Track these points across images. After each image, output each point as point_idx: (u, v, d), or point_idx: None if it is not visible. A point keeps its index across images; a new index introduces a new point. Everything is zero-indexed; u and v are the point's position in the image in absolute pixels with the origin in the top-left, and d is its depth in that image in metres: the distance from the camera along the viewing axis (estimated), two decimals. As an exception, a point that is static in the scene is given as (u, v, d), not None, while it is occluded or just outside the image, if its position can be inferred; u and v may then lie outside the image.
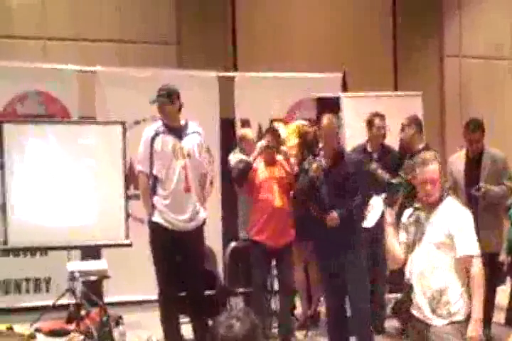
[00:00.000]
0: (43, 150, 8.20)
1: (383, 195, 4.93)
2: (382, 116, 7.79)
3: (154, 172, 6.72)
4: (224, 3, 10.95)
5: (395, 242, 4.84)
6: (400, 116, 8.08)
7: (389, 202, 4.92)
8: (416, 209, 4.85)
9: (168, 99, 6.71)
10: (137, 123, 9.07)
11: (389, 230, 4.88)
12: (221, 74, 9.67)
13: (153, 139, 6.73)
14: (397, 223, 4.92)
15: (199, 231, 6.82)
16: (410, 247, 4.80)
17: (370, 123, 7.76)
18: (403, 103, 9.37)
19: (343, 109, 9.28)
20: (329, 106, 9.32)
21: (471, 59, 11.87)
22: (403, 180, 5.16)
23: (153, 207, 6.73)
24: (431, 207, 4.78)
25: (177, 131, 6.75)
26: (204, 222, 6.87)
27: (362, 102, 9.19)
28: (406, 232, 4.87)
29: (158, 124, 6.82)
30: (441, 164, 4.82)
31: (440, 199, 4.78)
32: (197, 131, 6.86)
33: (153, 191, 6.74)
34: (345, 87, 9.90)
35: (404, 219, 4.90)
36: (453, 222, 4.69)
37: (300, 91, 9.74)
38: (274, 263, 7.34)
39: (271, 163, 7.34)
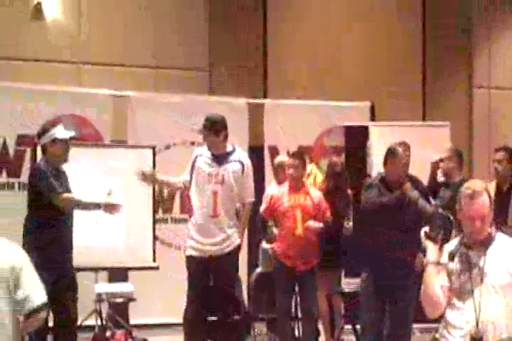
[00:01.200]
0: (75, 172, 8.31)
1: (425, 228, 4.18)
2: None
3: (190, 192, 6.90)
4: (255, 31, 11.09)
5: (437, 285, 4.08)
6: (428, 146, 8.14)
7: (433, 237, 4.14)
8: (461, 246, 4.12)
9: (210, 131, 6.86)
10: (167, 147, 9.22)
11: (430, 270, 4.10)
12: (251, 100, 9.79)
13: (194, 160, 6.94)
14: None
15: (230, 256, 6.87)
16: (464, 293, 4.08)
17: None
18: (431, 133, 9.43)
19: (371, 138, 9.36)
20: (357, 134, 9.43)
21: (500, 90, 11.89)
22: (451, 212, 4.31)
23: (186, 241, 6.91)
24: (482, 244, 4.12)
25: (219, 157, 6.90)
26: (238, 248, 6.94)
27: (390, 132, 9.26)
28: (449, 274, 4.11)
29: (204, 148, 7.02)
30: (491, 196, 4.23)
31: (490, 236, 4.15)
32: (239, 160, 6.95)
33: (191, 213, 6.97)
34: (373, 116, 9.98)
35: (444, 257, 4.15)
36: None
37: (329, 119, 9.83)
38: (297, 289, 7.38)
39: (296, 189, 7.34)
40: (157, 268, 8.16)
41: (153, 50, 10.59)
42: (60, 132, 6.50)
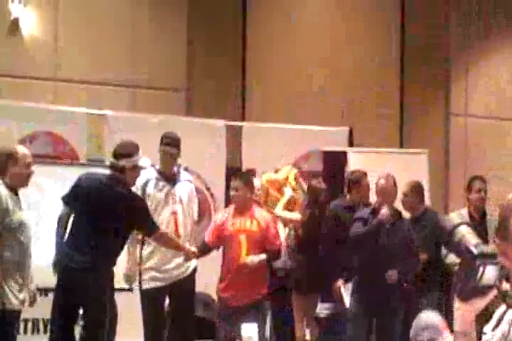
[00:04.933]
0: (50, 190, 8.20)
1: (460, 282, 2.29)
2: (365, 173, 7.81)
3: None
4: (235, 53, 11.08)
5: None
6: (406, 173, 8.13)
7: (465, 297, 2.27)
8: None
9: (177, 150, 6.76)
10: (144, 168, 9.10)
11: None
12: (229, 123, 9.74)
13: (145, 184, 6.71)
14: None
15: (191, 277, 6.77)
16: None
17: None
18: (409, 160, 9.45)
19: (349, 163, 9.35)
20: (336, 160, 9.42)
21: (477, 118, 11.98)
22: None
23: (140, 275, 6.75)
24: None
25: (170, 178, 6.77)
26: (195, 269, 6.81)
27: (368, 158, 9.27)
28: None
29: (151, 170, 6.82)
30: None
31: None
32: (189, 180, 6.88)
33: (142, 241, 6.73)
34: (351, 142, 9.98)
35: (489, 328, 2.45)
36: None
37: (307, 143, 9.80)
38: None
39: (241, 212, 6.86)
40: (130, 289, 8.02)
41: (132, 69, 10.54)
42: (143, 159, 6.29)
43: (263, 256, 6.70)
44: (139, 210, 6.10)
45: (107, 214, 5.98)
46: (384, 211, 6.55)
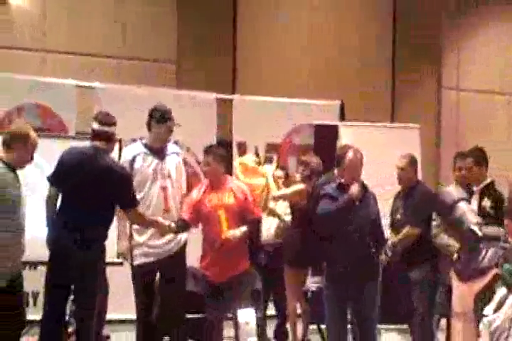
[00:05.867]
0: (38, 163, 8.12)
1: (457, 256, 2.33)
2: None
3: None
4: (226, 25, 11.00)
5: None
6: (397, 148, 8.08)
7: (468, 275, 2.36)
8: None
9: (174, 122, 6.71)
10: (134, 140, 9.00)
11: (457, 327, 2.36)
12: (219, 96, 9.66)
13: (132, 160, 6.61)
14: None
15: (180, 254, 6.69)
16: None
17: None
18: (400, 134, 9.40)
19: (340, 137, 9.30)
20: (327, 133, 9.36)
21: (469, 92, 11.97)
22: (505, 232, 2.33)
23: (131, 249, 6.67)
24: None
25: (158, 152, 6.67)
26: (185, 244, 6.77)
27: (360, 132, 9.21)
28: (491, 332, 2.38)
29: (138, 145, 6.76)
30: None
31: None
32: (176, 152, 6.80)
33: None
34: (342, 116, 9.92)
35: (492, 315, 2.46)
36: None
37: (298, 117, 9.74)
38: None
39: (215, 187, 6.64)
40: (120, 263, 7.97)
41: (121, 41, 10.43)
42: None
43: (244, 229, 6.56)
44: (122, 182, 6.04)
45: (94, 187, 5.92)
46: (354, 188, 6.37)
